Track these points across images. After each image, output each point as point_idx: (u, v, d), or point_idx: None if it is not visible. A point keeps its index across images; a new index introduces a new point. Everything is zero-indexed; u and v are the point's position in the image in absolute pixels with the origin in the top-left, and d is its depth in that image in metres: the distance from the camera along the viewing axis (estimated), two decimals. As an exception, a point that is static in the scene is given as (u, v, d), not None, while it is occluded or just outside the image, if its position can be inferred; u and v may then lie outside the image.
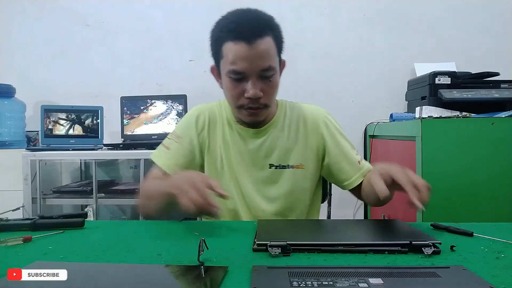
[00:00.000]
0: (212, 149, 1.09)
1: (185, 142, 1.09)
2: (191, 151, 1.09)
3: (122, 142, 2.17)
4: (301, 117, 1.11)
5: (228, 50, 0.94)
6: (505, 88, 1.75)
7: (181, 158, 1.08)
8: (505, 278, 0.55)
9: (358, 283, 0.50)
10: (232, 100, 1.00)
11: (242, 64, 0.92)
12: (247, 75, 0.94)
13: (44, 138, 2.17)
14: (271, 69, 0.95)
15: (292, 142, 1.09)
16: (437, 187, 1.46)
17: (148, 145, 2.05)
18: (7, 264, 0.63)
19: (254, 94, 0.94)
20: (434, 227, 0.85)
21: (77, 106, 2.24)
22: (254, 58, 0.91)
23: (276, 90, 1.01)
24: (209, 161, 1.10)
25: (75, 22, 2.43)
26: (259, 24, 0.92)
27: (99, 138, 2.22)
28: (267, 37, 0.92)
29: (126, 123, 2.24)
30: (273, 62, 0.95)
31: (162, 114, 2.25)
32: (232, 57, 0.93)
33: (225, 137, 1.09)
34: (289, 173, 1.08)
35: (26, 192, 1.95)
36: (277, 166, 1.08)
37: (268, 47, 0.93)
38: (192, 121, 1.11)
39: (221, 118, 1.11)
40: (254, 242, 0.72)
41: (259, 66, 0.93)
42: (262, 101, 0.97)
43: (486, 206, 1.45)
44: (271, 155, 1.08)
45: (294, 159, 1.08)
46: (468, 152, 1.46)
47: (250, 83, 0.94)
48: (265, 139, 1.08)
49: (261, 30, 0.92)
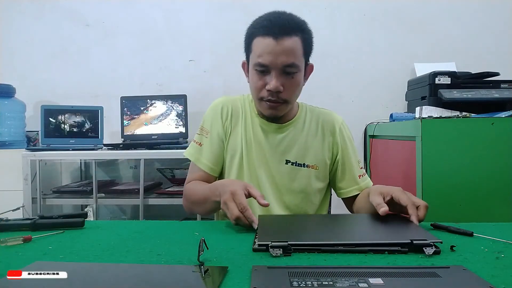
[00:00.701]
0: (233, 139, 1.14)
1: (214, 135, 1.15)
2: (220, 143, 1.15)
3: (122, 142, 2.17)
4: (320, 121, 1.17)
5: (256, 44, 1.00)
6: (505, 88, 1.75)
7: (212, 152, 1.14)
8: (505, 278, 0.55)
9: (358, 283, 0.50)
10: (255, 92, 1.05)
11: (267, 57, 0.97)
12: (270, 69, 0.99)
13: (44, 138, 2.17)
14: (294, 66, 0.99)
15: (310, 142, 1.14)
16: (437, 187, 1.47)
17: (148, 145, 2.05)
18: (7, 264, 0.63)
19: (274, 87, 0.99)
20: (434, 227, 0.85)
21: (77, 106, 2.24)
22: (279, 53, 0.97)
23: (297, 88, 1.05)
24: (228, 151, 1.14)
25: (75, 22, 2.43)
26: (288, 23, 0.98)
27: (99, 138, 2.22)
28: (294, 37, 0.98)
29: (127, 124, 2.24)
30: (297, 61, 1.00)
31: (162, 115, 2.25)
32: (259, 50, 0.99)
33: (247, 129, 1.14)
34: (304, 172, 1.12)
35: (26, 192, 1.95)
36: (294, 163, 1.12)
37: (294, 46, 0.98)
38: (217, 113, 1.16)
39: (244, 110, 1.16)
40: (254, 242, 0.72)
41: (283, 61, 0.98)
42: (282, 95, 1.02)
43: (486, 206, 1.45)
44: (289, 151, 1.12)
45: (310, 159, 1.13)
46: (468, 152, 1.46)
47: (273, 77, 0.99)
48: (286, 135, 1.13)
49: (289, 29, 0.98)
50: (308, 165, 1.12)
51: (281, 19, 0.99)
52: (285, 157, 1.12)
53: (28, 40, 2.44)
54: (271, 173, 1.12)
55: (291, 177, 1.11)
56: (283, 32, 0.97)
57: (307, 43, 1.03)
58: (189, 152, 1.17)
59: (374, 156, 2.19)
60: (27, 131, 2.32)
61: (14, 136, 2.22)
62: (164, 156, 2.00)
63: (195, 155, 1.15)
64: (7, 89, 2.21)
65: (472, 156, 1.46)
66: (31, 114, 2.38)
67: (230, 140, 1.14)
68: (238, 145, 1.13)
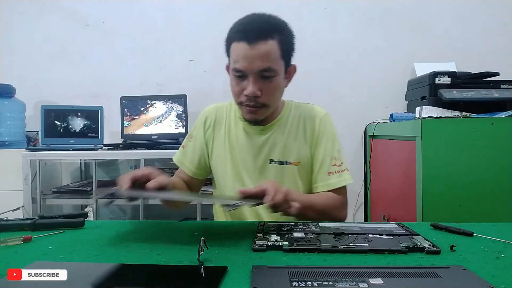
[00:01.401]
0: (217, 146, 1.17)
1: (196, 141, 1.20)
2: (202, 149, 1.19)
3: (122, 142, 2.17)
4: (302, 116, 1.16)
5: (233, 49, 0.99)
6: (505, 88, 1.75)
7: (194, 156, 1.19)
8: (505, 278, 0.55)
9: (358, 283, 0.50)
10: (234, 97, 1.06)
11: (243, 63, 0.97)
12: (247, 74, 0.98)
13: (44, 138, 2.17)
14: (271, 70, 0.98)
15: (292, 139, 1.13)
16: (437, 187, 1.47)
17: (148, 145, 2.05)
18: (7, 264, 0.63)
19: (251, 93, 0.99)
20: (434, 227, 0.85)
21: (77, 106, 2.24)
22: (254, 58, 0.96)
23: (276, 91, 1.04)
24: (213, 157, 1.18)
25: (75, 22, 2.43)
26: (263, 27, 0.97)
27: (99, 138, 2.22)
28: (270, 40, 0.97)
29: (127, 125, 2.24)
30: (273, 64, 0.98)
31: (162, 116, 2.25)
32: (235, 56, 0.99)
33: (230, 134, 1.16)
34: (288, 169, 1.12)
35: (26, 192, 1.95)
36: (276, 161, 1.12)
37: (269, 50, 0.97)
38: (201, 121, 1.20)
39: (228, 116, 1.18)
40: (254, 242, 0.72)
41: (258, 66, 0.97)
42: (261, 100, 1.01)
43: (486, 206, 1.45)
44: (273, 151, 1.13)
45: (292, 156, 1.12)
46: (468, 152, 1.46)
47: (250, 82, 0.99)
48: (269, 136, 1.13)
49: (264, 32, 0.96)
50: (290, 162, 1.12)
51: (256, 22, 0.99)
52: (269, 157, 1.12)
53: (28, 40, 2.44)
54: (256, 174, 1.12)
55: (276, 176, 1.11)
56: (258, 37, 0.95)
57: (286, 44, 1.01)
58: (176, 156, 1.23)
59: (374, 156, 2.19)
60: (27, 131, 2.32)
61: (14, 136, 2.22)
62: (164, 156, 2.00)
63: (179, 157, 1.21)
64: (7, 89, 2.21)
65: (472, 156, 1.46)
66: (31, 114, 2.38)
67: (214, 147, 1.17)
68: (222, 150, 1.16)
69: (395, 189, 1.86)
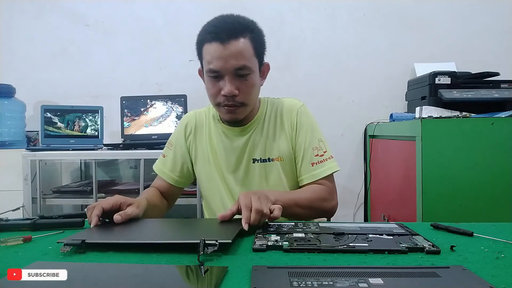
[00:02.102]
0: (199, 151, 1.17)
1: (177, 149, 1.19)
2: (183, 157, 1.19)
3: (122, 142, 2.17)
4: (278, 111, 1.16)
5: (206, 51, 1.00)
6: (505, 88, 1.75)
7: (175, 164, 1.19)
8: (505, 278, 0.55)
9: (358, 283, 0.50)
10: (212, 99, 1.06)
11: (217, 63, 0.98)
12: (223, 74, 0.99)
13: (44, 138, 2.17)
14: (246, 68, 1.00)
15: (272, 135, 1.13)
16: (437, 187, 1.47)
17: (148, 145, 2.05)
18: (7, 264, 0.63)
19: (229, 92, 0.99)
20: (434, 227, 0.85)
21: (77, 106, 2.24)
22: (228, 57, 0.97)
23: (253, 89, 1.05)
24: (197, 163, 1.18)
25: (75, 22, 2.43)
26: (234, 26, 0.99)
27: (99, 138, 2.22)
28: (242, 39, 0.98)
29: (127, 126, 2.24)
30: (248, 62, 1.00)
31: (162, 116, 2.25)
32: (209, 57, 0.99)
33: (211, 137, 1.16)
34: (271, 166, 1.12)
35: (26, 192, 1.95)
36: (259, 159, 1.12)
37: (242, 48, 0.98)
38: (181, 129, 1.20)
39: (208, 121, 1.18)
40: (254, 242, 0.72)
41: (233, 65, 0.98)
42: (238, 99, 1.02)
43: (486, 206, 1.45)
44: (255, 150, 1.13)
45: (274, 152, 1.12)
46: (468, 152, 1.47)
47: (226, 81, 0.99)
48: (249, 136, 1.13)
49: (236, 32, 0.98)
50: (273, 158, 1.12)
51: (227, 23, 1.00)
52: (252, 157, 1.12)
53: (28, 40, 2.44)
54: (242, 175, 1.12)
55: (261, 175, 1.12)
56: (230, 36, 0.97)
57: (258, 43, 1.03)
58: (156, 165, 1.23)
59: (374, 156, 2.19)
60: (27, 131, 2.32)
61: (14, 136, 2.22)
62: (164, 156, 2.00)
63: (160, 166, 1.21)
64: (7, 89, 2.21)
65: (472, 156, 1.46)
66: (31, 114, 2.38)
67: (197, 153, 1.17)
68: (205, 155, 1.16)
69: (395, 189, 1.86)
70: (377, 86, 2.35)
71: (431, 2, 2.33)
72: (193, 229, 0.88)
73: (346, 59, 2.36)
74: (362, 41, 2.35)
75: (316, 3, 2.35)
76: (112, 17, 2.42)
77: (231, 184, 1.13)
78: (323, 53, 2.36)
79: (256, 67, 1.03)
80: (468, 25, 2.32)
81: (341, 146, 2.32)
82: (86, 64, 2.43)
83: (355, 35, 2.36)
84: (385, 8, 2.34)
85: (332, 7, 2.35)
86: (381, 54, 2.34)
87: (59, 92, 2.43)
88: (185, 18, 2.38)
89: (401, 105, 2.30)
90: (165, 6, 2.40)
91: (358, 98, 2.36)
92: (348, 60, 2.36)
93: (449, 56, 2.25)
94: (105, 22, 2.43)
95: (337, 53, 2.36)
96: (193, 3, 2.37)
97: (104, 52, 2.43)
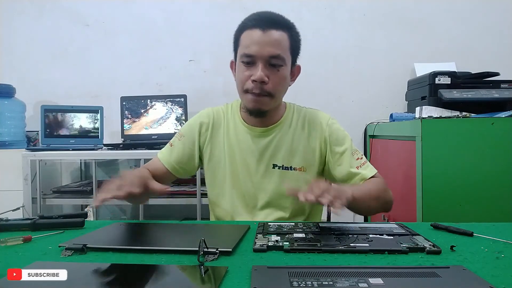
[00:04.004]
0: (216, 151, 1.13)
1: (187, 142, 1.15)
2: (192, 151, 1.14)
3: (122, 142, 2.17)
4: (306, 120, 1.13)
5: (245, 36, 1.02)
6: (505, 88, 1.75)
7: (183, 155, 1.14)
8: (505, 278, 0.55)
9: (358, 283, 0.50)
10: (240, 84, 1.04)
11: (254, 47, 0.98)
12: (256, 60, 0.99)
13: (44, 138, 2.17)
14: (280, 58, 1.00)
15: (296, 144, 1.10)
16: (437, 187, 1.47)
17: (148, 145, 2.05)
18: (7, 264, 0.63)
19: (260, 77, 0.98)
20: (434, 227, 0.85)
21: (77, 106, 2.24)
22: (266, 44, 0.98)
23: (283, 82, 1.04)
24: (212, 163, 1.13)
25: (75, 22, 2.43)
26: (277, 18, 1.02)
27: (99, 138, 2.22)
28: (282, 31, 1.00)
29: (128, 128, 2.24)
30: (283, 53, 1.00)
31: (162, 118, 2.25)
32: (247, 42, 1.00)
33: (229, 137, 1.12)
34: (291, 175, 1.09)
35: (26, 192, 1.95)
36: (281, 167, 1.09)
37: (280, 38, 1.00)
38: (196, 124, 1.15)
39: (226, 119, 1.15)
40: (254, 242, 0.72)
41: (269, 51, 0.98)
42: (267, 87, 1.01)
43: (486, 206, 1.45)
44: (276, 155, 1.10)
45: (297, 162, 1.10)
46: (468, 152, 1.46)
47: (258, 68, 0.99)
48: (272, 138, 1.10)
49: (277, 23, 1.01)
50: (295, 167, 1.09)
51: (270, 14, 1.03)
52: (272, 162, 1.09)
53: (28, 40, 2.44)
54: (258, 179, 1.09)
55: (279, 182, 1.08)
56: (271, 25, 0.99)
57: (295, 41, 1.05)
58: (161, 153, 1.17)
59: (374, 156, 2.19)
60: (27, 131, 2.32)
61: (14, 136, 2.22)
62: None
63: (165, 154, 1.16)
64: (7, 89, 2.20)
65: (472, 156, 1.46)
66: (31, 114, 2.38)
67: (212, 152, 1.13)
68: (221, 154, 1.12)
69: (395, 189, 1.86)
70: (377, 86, 2.35)
71: (431, 2, 2.33)
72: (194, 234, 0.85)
73: (346, 59, 2.36)
74: (362, 41, 2.35)
75: (316, 3, 2.35)
76: (112, 17, 2.42)
77: (246, 187, 1.09)
78: (323, 53, 2.36)
79: (289, 63, 1.04)
80: (468, 25, 2.32)
81: (341, 146, 2.31)
82: (86, 64, 2.43)
83: (355, 35, 2.36)
84: (385, 8, 2.34)
85: (332, 7, 2.35)
86: (381, 54, 2.34)
87: (59, 92, 2.42)
88: (185, 18, 2.38)
89: (401, 105, 2.30)
90: (165, 6, 2.40)
91: (358, 98, 2.36)
92: (348, 60, 2.36)
93: (449, 56, 2.25)
94: (105, 22, 2.43)
95: (337, 53, 2.36)
96: (193, 3, 2.37)
97: (104, 52, 2.43)
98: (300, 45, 1.08)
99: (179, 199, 1.93)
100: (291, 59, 1.04)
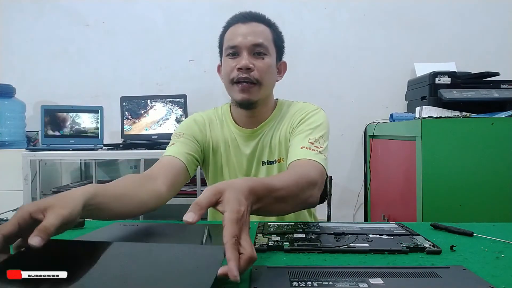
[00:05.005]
0: (221, 143, 1.13)
1: (188, 136, 1.09)
2: (195, 144, 1.10)
3: (122, 142, 2.17)
4: (289, 114, 1.12)
5: (228, 33, 1.05)
6: (505, 88, 1.75)
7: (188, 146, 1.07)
8: (505, 278, 0.55)
9: (358, 283, 0.50)
10: (226, 77, 1.05)
11: (237, 39, 1.02)
12: (240, 50, 1.01)
13: (44, 138, 2.17)
14: (263, 46, 1.02)
15: (278, 137, 1.11)
16: (437, 187, 1.47)
17: (148, 145, 2.05)
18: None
19: (244, 64, 1.00)
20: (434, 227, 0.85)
21: (77, 106, 2.24)
22: (247, 34, 1.01)
23: (268, 70, 1.03)
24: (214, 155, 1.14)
25: (75, 22, 2.43)
26: (258, 14, 1.06)
27: (99, 138, 2.22)
28: (263, 25, 1.04)
29: (128, 129, 2.24)
30: (266, 42, 1.02)
31: (162, 119, 2.25)
32: (230, 36, 1.04)
33: (225, 137, 1.13)
34: (274, 168, 1.11)
35: (26, 192, 1.95)
36: (266, 162, 1.11)
37: (262, 30, 1.03)
38: (191, 122, 1.15)
39: (219, 119, 1.15)
40: (254, 242, 0.72)
41: (251, 40, 1.01)
42: (253, 75, 1.01)
43: (486, 206, 1.45)
44: (263, 152, 1.11)
45: (277, 154, 1.11)
46: (468, 152, 1.47)
47: (243, 56, 1.01)
48: (260, 138, 1.11)
49: (258, 17, 1.05)
50: (276, 160, 1.10)
51: (251, 11, 1.06)
52: (261, 159, 1.11)
53: (28, 40, 2.44)
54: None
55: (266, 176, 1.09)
56: (252, 19, 1.03)
57: (278, 36, 1.07)
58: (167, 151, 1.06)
59: (374, 156, 2.19)
60: (27, 131, 2.32)
61: (14, 136, 2.22)
62: (164, 156, 2.00)
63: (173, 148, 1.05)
64: (7, 89, 2.21)
65: (472, 156, 1.46)
66: (31, 114, 2.38)
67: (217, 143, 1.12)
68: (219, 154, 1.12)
69: (395, 189, 1.86)
70: (377, 86, 2.35)
71: (431, 2, 2.33)
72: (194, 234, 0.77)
73: (346, 59, 2.36)
74: (362, 41, 2.35)
75: (316, 3, 2.35)
76: (112, 17, 2.42)
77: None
78: (323, 53, 2.36)
79: (273, 55, 1.05)
80: (468, 25, 2.32)
81: (341, 146, 2.32)
82: (86, 64, 2.44)
83: (355, 35, 2.36)
84: (385, 8, 2.34)
85: (332, 7, 2.35)
86: (381, 54, 2.34)
87: (59, 92, 2.43)
88: (185, 18, 2.38)
89: (401, 105, 2.30)
90: (165, 6, 2.40)
91: (358, 98, 2.36)
92: (348, 60, 2.36)
93: (449, 56, 2.25)
94: (105, 22, 2.43)
95: (337, 53, 2.36)
96: (193, 3, 2.37)
97: (104, 52, 2.43)
98: (284, 42, 1.10)
99: (179, 199, 1.93)
100: (275, 52, 1.06)
